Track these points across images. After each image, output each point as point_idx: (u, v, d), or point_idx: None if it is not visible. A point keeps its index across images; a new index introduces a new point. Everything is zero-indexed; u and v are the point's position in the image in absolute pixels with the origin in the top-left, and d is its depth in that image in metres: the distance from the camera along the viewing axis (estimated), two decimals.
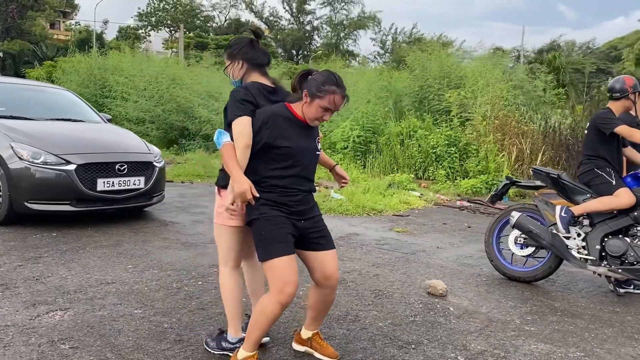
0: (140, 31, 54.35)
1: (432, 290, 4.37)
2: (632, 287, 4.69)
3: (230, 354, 2.96)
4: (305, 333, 3.15)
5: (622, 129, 4.40)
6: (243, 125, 2.73)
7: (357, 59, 48.87)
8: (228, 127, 2.81)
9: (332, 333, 3.44)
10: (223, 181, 2.93)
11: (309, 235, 2.89)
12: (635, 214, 4.28)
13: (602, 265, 4.38)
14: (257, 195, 2.71)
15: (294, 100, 2.87)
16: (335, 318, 3.69)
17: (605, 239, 4.40)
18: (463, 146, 11.44)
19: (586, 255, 4.44)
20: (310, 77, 2.82)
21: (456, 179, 11.06)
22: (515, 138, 11.38)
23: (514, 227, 4.73)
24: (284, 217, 2.79)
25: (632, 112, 4.82)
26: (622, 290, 4.64)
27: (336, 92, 2.75)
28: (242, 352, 2.82)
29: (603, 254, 4.38)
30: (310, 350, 3.13)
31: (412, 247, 5.89)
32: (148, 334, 3.29)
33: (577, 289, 4.75)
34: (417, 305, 4.08)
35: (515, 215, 4.72)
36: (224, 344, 3.07)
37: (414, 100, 14.20)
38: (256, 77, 2.98)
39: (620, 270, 4.28)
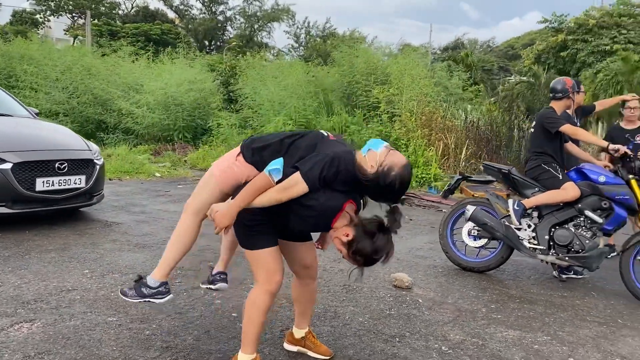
0: (37, 16, 50.56)
1: (398, 284, 4.51)
2: (572, 272, 5.10)
3: (153, 301, 2.83)
4: (298, 332, 3.15)
5: (567, 128, 4.77)
6: (301, 189, 2.53)
7: (272, 52, 48.66)
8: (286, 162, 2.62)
9: (317, 331, 3.45)
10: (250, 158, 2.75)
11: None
12: (580, 205, 4.65)
13: (551, 253, 4.72)
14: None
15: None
16: (316, 316, 3.71)
17: (553, 230, 4.75)
18: (393, 141, 11.77)
19: (536, 245, 4.77)
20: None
21: None
22: (441, 133, 11.90)
23: (469, 220, 4.98)
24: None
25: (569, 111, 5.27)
26: (564, 276, 5.04)
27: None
28: (242, 356, 2.77)
29: (551, 243, 4.73)
30: (304, 350, 3.14)
31: None
32: (131, 342, 3.14)
33: (525, 277, 5.09)
34: (388, 298, 4.19)
35: (470, 209, 4.96)
36: (144, 290, 2.85)
37: (342, 95, 14.43)
38: None
39: (567, 258, 4.65)
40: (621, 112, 6.07)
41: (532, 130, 5.05)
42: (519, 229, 4.83)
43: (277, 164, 2.53)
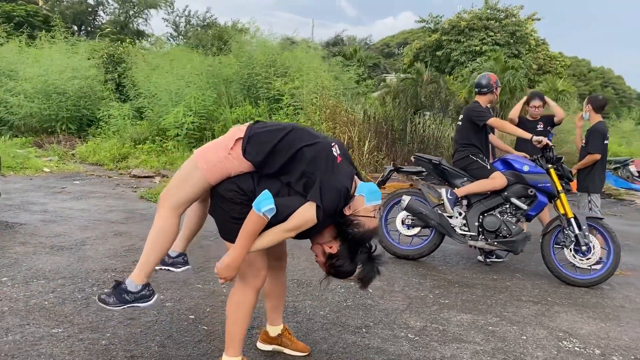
0: None
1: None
2: (494, 256, 5.45)
3: (138, 305, 2.60)
4: (274, 330, 3.03)
5: (494, 121, 5.08)
6: (312, 220, 2.41)
7: (150, 40, 46.36)
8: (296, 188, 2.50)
9: None
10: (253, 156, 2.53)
11: None
12: (506, 193, 4.98)
13: (480, 239, 5.01)
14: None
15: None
16: (255, 319, 3.60)
17: (482, 217, 5.04)
18: None
19: (467, 231, 5.03)
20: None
21: None
22: (345, 126, 12.13)
23: (404, 209, 5.12)
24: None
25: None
26: (489, 260, 5.38)
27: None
28: (227, 359, 2.61)
29: (480, 229, 5.02)
30: (280, 348, 3.03)
31: None
32: (90, 354, 2.82)
33: (454, 262, 5.35)
34: (340, 290, 4.18)
35: (406, 199, 5.11)
36: (125, 296, 2.59)
37: (242, 87, 14.16)
38: None
39: (495, 243, 4.96)
40: (527, 110, 6.58)
41: (460, 123, 5.31)
42: (451, 217, 5.07)
43: (269, 202, 2.36)
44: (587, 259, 4.78)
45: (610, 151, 14.97)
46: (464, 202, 5.11)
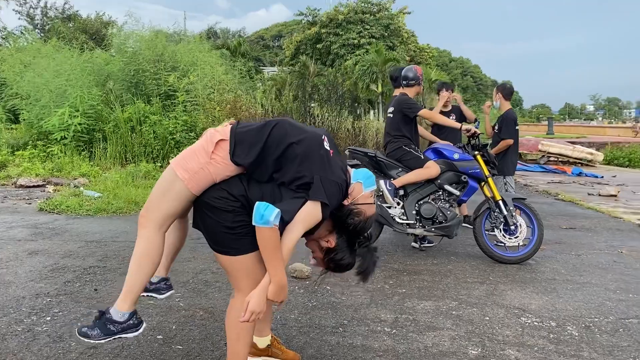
0: None
1: (298, 274, 4.43)
2: (426, 242, 5.67)
3: (126, 336, 2.33)
4: (262, 341, 2.87)
5: (425, 112, 5.25)
6: (318, 219, 2.31)
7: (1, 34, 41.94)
8: (290, 187, 2.34)
9: None
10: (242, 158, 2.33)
11: None
12: (439, 181, 5.18)
13: (419, 226, 5.17)
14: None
15: None
16: (222, 332, 3.42)
17: (417, 205, 5.20)
18: (200, 131, 11.36)
19: (406, 220, 5.17)
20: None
21: None
22: (246, 121, 11.90)
23: None
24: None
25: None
26: (423, 246, 5.58)
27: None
28: None
29: (418, 217, 5.18)
30: (268, 359, 2.88)
31: None
32: None
33: (392, 251, 5.48)
34: (299, 290, 4.10)
35: None
36: (111, 327, 2.30)
37: (129, 84, 13.31)
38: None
39: (433, 229, 5.14)
40: (438, 100, 6.88)
41: (391, 115, 5.42)
42: (390, 207, 5.17)
43: (271, 210, 2.19)
44: (516, 238, 5.14)
45: None
46: (401, 192, 5.24)
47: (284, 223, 2.24)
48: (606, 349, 3.21)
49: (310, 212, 2.26)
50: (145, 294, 2.58)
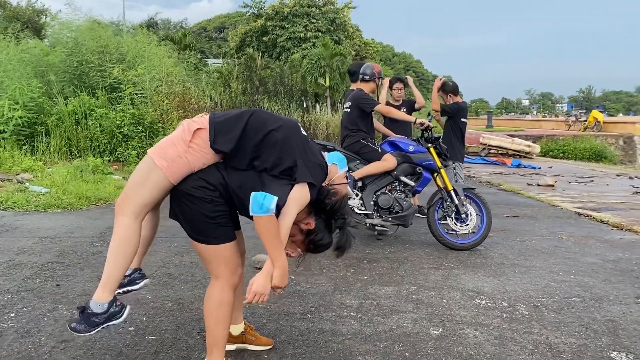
0: None
1: (261, 265, 4.49)
2: (381, 230, 5.87)
3: (111, 324, 2.39)
4: (236, 328, 2.95)
5: (381, 107, 5.43)
6: (308, 199, 2.42)
7: None
8: (272, 173, 2.44)
9: None
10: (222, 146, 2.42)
11: None
12: (395, 172, 5.38)
13: (376, 217, 5.36)
14: None
15: None
16: (193, 322, 3.49)
17: (375, 196, 5.38)
18: (149, 124, 11.18)
19: (364, 211, 5.34)
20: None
21: None
22: (196, 114, 11.77)
23: None
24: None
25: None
26: (380, 235, 5.78)
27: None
28: None
29: (375, 207, 5.36)
30: (243, 345, 2.97)
31: None
32: None
33: None
34: None
35: None
36: (95, 319, 2.36)
37: (72, 76, 12.85)
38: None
39: (390, 219, 5.34)
40: (391, 94, 7.10)
41: (348, 110, 5.57)
42: (349, 199, 5.32)
43: (269, 198, 2.30)
44: (466, 225, 5.41)
45: None
46: (359, 183, 5.40)
47: (277, 209, 2.33)
48: (554, 325, 3.49)
49: (300, 194, 2.37)
50: (120, 291, 2.60)
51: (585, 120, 29.43)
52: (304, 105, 19.43)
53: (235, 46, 37.89)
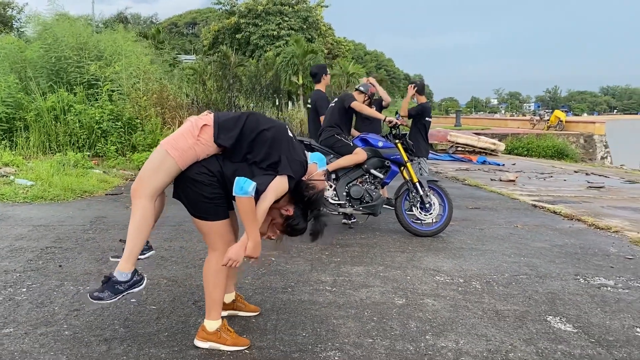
0: None
1: None
2: (352, 219, 6.38)
3: (133, 291, 2.80)
4: (228, 297, 3.40)
5: (356, 105, 5.93)
6: (286, 189, 2.85)
7: None
8: (260, 166, 2.85)
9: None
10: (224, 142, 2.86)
11: None
12: (365, 166, 5.88)
13: (349, 206, 5.85)
14: None
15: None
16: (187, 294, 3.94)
17: (347, 187, 5.87)
18: (127, 120, 11.45)
19: (338, 201, 5.83)
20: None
21: (126, 154, 11.09)
22: (174, 111, 12.11)
23: None
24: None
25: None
26: (350, 222, 6.28)
27: None
28: (211, 323, 2.96)
29: (348, 198, 5.86)
30: (234, 312, 3.43)
31: (179, 218, 6.06)
32: (62, 344, 2.87)
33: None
34: (248, 262, 4.62)
35: None
36: (119, 287, 2.75)
37: (49, 72, 13.00)
38: None
39: (361, 208, 5.84)
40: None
41: (333, 103, 6.08)
42: (325, 192, 5.80)
43: (249, 183, 2.74)
44: (430, 214, 5.95)
45: None
46: (333, 176, 5.89)
47: (258, 194, 2.79)
48: (502, 296, 4.03)
49: (279, 184, 2.83)
50: (115, 259, 3.03)
51: (549, 120, 30.55)
52: (278, 103, 19.84)
53: (208, 43, 37.94)
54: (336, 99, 6.16)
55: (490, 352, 3.04)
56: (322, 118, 6.43)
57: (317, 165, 3.12)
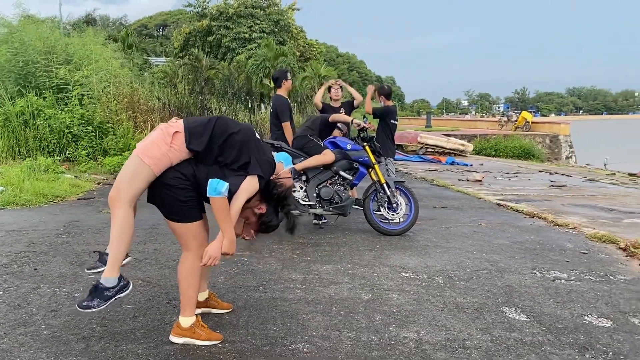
0: None
1: None
2: (322, 220, 6.57)
3: (120, 296, 2.93)
4: (201, 296, 3.55)
5: (334, 117, 6.16)
6: (257, 188, 3.01)
7: None
8: (231, 168, 3.01)
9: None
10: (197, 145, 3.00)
11: None
12: (335, 168, 6.09)
13: (319, 207, 6.05)
14: None
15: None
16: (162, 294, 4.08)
17: (317, 189, 6.07)
18: (98, 124, 11.43)
19: (308, 202, 6.02)
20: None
21: (97, 158, 11.08)
22: (145, 114, 12.14)
23: None
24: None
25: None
26: (320, 222, 6.48)
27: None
28: (186, 320, 3.11)
29: (318, 199, 6.05)
30: (207, 309, 3.58)
31: (152, 222, 6.17)
32: (41, 343, 2.99)
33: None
34: (221, 262, 4.77)
35: None
36: (107, 293, 2.88)
37: (17, 76, 12.88)
38: None
39: (331, 209, 6.04)
40: (330, 96, 7.81)
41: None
42: (294, 191, 5.99)
43: (222, 184, 2.91)
44: (397, 214, 6.19)
45: None
46: (303, 177, 6.08)
47: (230, 194, 2.96)
48: (462, 290, 4.27)
49: (250, 184, 3.00)
50: (92, 272, 3.16)
51: (516, 121, 31.30)
52: (250, 106, 19.95)
53: (179, 45, 37.74)
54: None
55: (448, 341, 3.26)
56: (284, 124, 6.59)
57: (283, 164, 3.31)
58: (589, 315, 3.76)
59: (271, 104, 7.17)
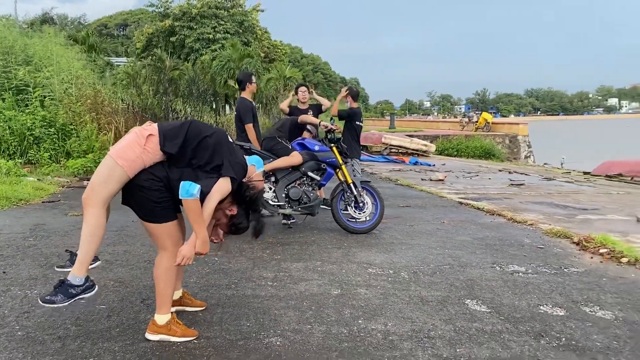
0: None
1: None
2: (291, 219, 6.70)
3: (84, 296, 2.99)
4: (176, 294, 3.62)
5: (302, 118, 6.29)
6: (229, 189, 3.10)
7: None
8: (204, 170, 3.09)
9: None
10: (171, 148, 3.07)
11: None
12: (303, 169, 6.22)
13: (288, 207, 6.17)
14: None
15: None
16: (135, 294, 4.14)
17: (286, 189, 6.19)
18: (61, 126, 11.26)
19: (277, 202, 6.13)
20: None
21: (60, 161, 10.91)
22: (110, 117, 12.00)
23: None
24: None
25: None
26: (289, 222, 6.60)
27: None
28: (162, 317, 3.19)
29: (287, 199, 6.17)
30: (182, 308, 3.65)
31: (120, 224, 6.15)
32: (17, 344, 3.02)
33: (266, 228, 6.40)
34: (193, 262, 4.85)
35: None
36: (72, 290, 2.94)
37: None
38: None
39: (300, 209, 6.17)
40: (297, 99, 7.94)
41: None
42: (263, 191, 6.09)
43: (194, 186, 2.99)
44: (363, 213, 6.36)
45: None
46: (272, 178, 6.19)
47: (203, 195, 3.06)
48: (427, 284, 4.47)
49: (223, 185, 3.10)
50: (62, 270, 3.22)
51: (477, 121, 32.09)
52: (215, 107, 19.88)
53: (141, 46, 37.17)
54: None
55: (414, 332, 3.43)
56: (247, 126, 6.66)
57: (254, 167, 3.42)
58: (544, 305, 4.00)
59: (235, 107, 7.26)
